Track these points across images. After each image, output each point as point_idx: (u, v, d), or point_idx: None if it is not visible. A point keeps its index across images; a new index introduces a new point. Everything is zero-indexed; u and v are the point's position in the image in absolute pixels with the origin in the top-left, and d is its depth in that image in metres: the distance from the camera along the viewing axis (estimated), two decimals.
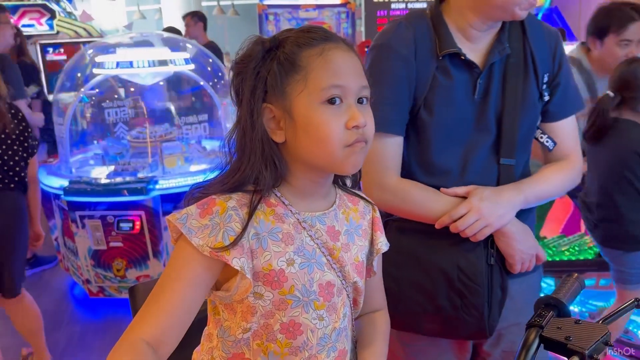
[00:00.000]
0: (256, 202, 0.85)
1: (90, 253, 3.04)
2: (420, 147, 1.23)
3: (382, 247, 1.00)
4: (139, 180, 2.97)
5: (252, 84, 0.84)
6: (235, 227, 0.82)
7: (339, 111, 0.83)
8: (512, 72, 1.21)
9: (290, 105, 0.84)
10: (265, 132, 0.85)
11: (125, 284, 3.06)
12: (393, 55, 1.20)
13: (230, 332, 0.89)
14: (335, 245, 0.92)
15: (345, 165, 0.86)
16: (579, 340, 0.81)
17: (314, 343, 0.89)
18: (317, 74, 0.83)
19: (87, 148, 3.57)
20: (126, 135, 3.45)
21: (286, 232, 0.87)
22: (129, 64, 3.13)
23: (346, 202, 0.98)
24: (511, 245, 1.20)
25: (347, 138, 0.83)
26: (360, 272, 0.96)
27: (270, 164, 0.85)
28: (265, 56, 0.84)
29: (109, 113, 3.51)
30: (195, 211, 0.83)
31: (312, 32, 0.86)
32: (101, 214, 2.95)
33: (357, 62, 0.88)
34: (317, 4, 7.64)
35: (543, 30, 1.26)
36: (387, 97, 1.19)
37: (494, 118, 1.21)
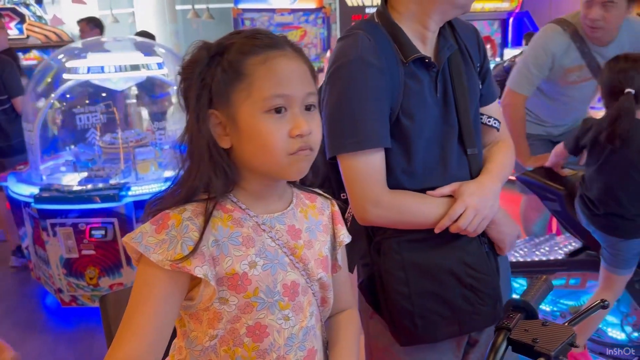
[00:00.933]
0: (211, 208, 0.85)
1: (62, 261, 2.98)
2: (404, 154, 1.22)
3: (344, 239, 1.02)
4: (111, 187, 2.93)
5: (197, 90, 0.84)
6: (193, 236, 0.82)
7: (283, 120, 0.84)
8: (455, 67, 1.27)
9: (234, 113, 0.84)
10: (212, 137, 0.85)
11: (98, 292, 3.00)
12: (368, 68, 1.17)
13: (197, 341, 0.89)
14: (297, 243, 0.92)
15: (290, 172, 0.87)
16: (546, 342, 0.82)
17: (281, 344, 0.89)
18: (260, 83, 0.83)
19: (58, 154, 3.50)
20: (98, 141, 3.40)
21: (246, 236, 0.87)
22: (100, 69, 3.10)
23: (303, 200, 0.99)
24: (501, 231, 1.27)
25: (291, 146, 0.84)
26: (325, 267, 0.96)
27: (219, 170, 0.85)
28: (210, 62, 0.84)
29: (80, 119, 3.45)
30: (150, 228, 0.83)
31: (257, 39, 0.85)
32: (73, 221, 2.90)
33: (304, 68, 0.88)
34: (293, 8, 7.66)
35: (464, 25, 1.35)
36: (371, 111, 1.17)
37: (453, 111, 1.25)
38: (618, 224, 2.04)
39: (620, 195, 2.00)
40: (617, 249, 2.06)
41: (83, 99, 3.45)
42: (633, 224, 2.02)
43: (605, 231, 2.08)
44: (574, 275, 2.31)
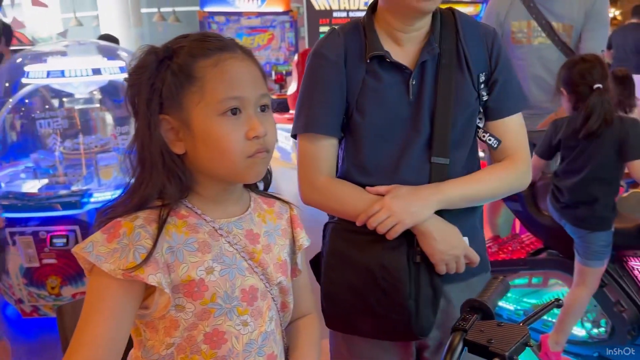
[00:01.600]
0: (165, 215, 0.83)
1: (22, 271, 2.90)
2: (354, 148, 1.27)
3: (304, 243, 1.02)
4: (72, 194, 2.86)
5: (147, 96, 0.83)
6: (146, 244, 0.81)
7: (238, 122, 0.83)
8: (444, 72, 1.23)
9: (187, 117, 0.83)
10: (164, 143, 0.84)
11: (60, 302, 2.93)
12: (323, 62, 1.25)
13: (154, 350, 0.88)
14: (256, 248, 0.92)
15: (248, 175, 0.87)
16: (500, 343, 0.83)
17: (239, 350, 0.88)
18: (213, 85, 0.82)
19: (17, 161, 3.40)
20: (59, 147, 3.32)
21: (202, 241, 0.86)
22: (61, 73, 3.02)
23: (261, 204, 0.98)
24: (430, 245, 1.20)
25: (248, 149, 0.84)
26: (284, 271, 0.96)
27: (172, 176, 0.84)
28: (159, 67, 0.83)
29: (41, 124, 3.36)
30: (101, 237, 0.81)
31: (207, 42, 0.85)
32: (33, 229, 2.82)
33: (255, 70, 0.88)
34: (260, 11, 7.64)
35: (479, 30, 1.28)
36: (318, 101, 1.25)
37: (428, 117, 1.23)
38: (586, 215, 2.11)
39: (592, 186, 2.09)
40: (587, 242, 2.13)
41: (43, 104, 3.37)
42: (600, 215, 2.10)
43: (575, 223, 2.14)
44: (536, 275, 2.37)
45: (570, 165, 2.13)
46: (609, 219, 2.12)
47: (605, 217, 2.12)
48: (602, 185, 2.10)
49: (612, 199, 2.13)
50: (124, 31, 9.62)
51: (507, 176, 1.28)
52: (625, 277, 2.21)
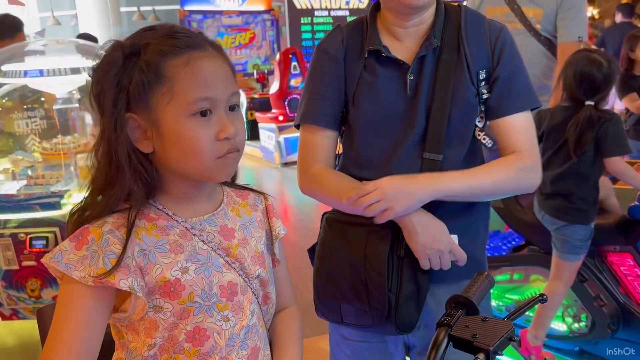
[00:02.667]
0: (133, 219, 0.82)
1: (1, 274, 2.85)
2: (349, 141, 1.30)
3: (280, 232, 1.02)
4: (52, 195, 2.82)
5: (113, 94, 0.80)
6: (115, 249, 0.80)
7: (209, 123, 0.82)
8: (443, 68, 1.22)
9: (156, 117, 0.81)
10: (130, 142, 0.82)
11: (40, 304, 2.88)
12: (323, 56, 1.30)
13: (137, 352, 0.87)
14: (231, 243, 0.91)
15: (217, 175, 0.87)
16: (485, 338, 0.84)
17: (222, 345, 0.88)
18: (184, 86, 0.80)
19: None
20: (38, 148, 3.27)
21: (173, 242, 0.85)
22: (39, 73, 2.97)
23: (234, 198, 0.98)
24: (412, 238, 1.19)
25: (219, 150, 0.83)
26: (262, 263, 0.96)
27: (139, 176, 0.82)
28: (125, 63, 0.80)
29: (19, 124, 3.31)
30: (69, 245, 0.80)
31: (176, 39, 0.82)
32: (12, 231, 2.77)
33: (226, 69, 0.86)
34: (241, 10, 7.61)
35: (484, 26, 1.26)
36: (315, 93, 1.30)
37: (424, 113, 1.23)
38: (565, 207, 2.13)
39: (570, 179, 2.12)
40: (564, 235, 2.15)
41: (21, 104, 3.31)
42: (578, 208, 2.13)
43: (553, 214, 2.17)
44: (517, 270, 2.39)
45: (552, 158, 2.16)
46: (587, 213, 2.15)
47: (584, 211, 2.14)
48: (580, 180, 2.12)
49: (591, 194, 2.15)
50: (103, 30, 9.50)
51: (511, 171, 1.22)
52: (605, 272, 2.24)
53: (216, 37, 7.31)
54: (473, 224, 1.31)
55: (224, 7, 7.51)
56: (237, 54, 7.75)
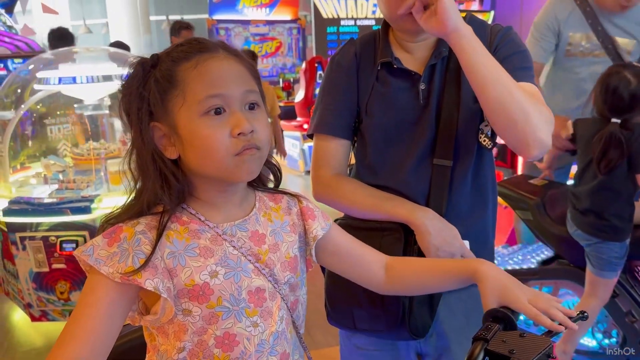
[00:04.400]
0: (165, 221, 0.84)
1: (32, 276, 2.91)
2: (363, 149, 1.34)
3: (318, 233, 1.01)
4: (82, 199, 2.87)
5: (137, 105, 0.84)
6: (145, 249, 0.82)
7: (222, 120, 0.83)
8: (450, 76, 1.26)
9: (173, 122, 0.84)
10: (157, 150, 0.85)
11: (69, 307, 2.94)
12: (336, 68, 1.35)
13: (167, 355, 0.88)
14: (262, 249, 0.92)
15: (239, 173, 0.86)
16: (522, 354, 0.82)
17: (252, 351, 0.89)
18: (193, 86, 0.83)
19: (28, 166, 3.43)
20: (69, 153, 3.34)
21: (203, 247, 0.87)
22: (72, 80, 3.05)
23: (267, 202, 0.99)
24: (425, 239, 1.20)
25: (234, 146, 0.83)
26: (293, 268, 0.96)
27: (167, 182, 0.85)
28: (145, 75, 0.84)
29: (52, 130, 3.40)
30: (102, 241, 0.82)
31: (187, 45, 0.86)
32: (43, 234, 2.83)
33: (239, 68, 0.87)
34: (268, 19, 7.69)
35: (486, 31, 1.28)
36: (328, 104, 1.33)
37: (434, 120, 1.26)
38: (598, 224, 2.08)
39: (603, 195, 2.06)
40: (599, 252, 2.09)
41: (54, 110, 3.40)
42: (613, 225, 2.07)
43: (587, 231, 2.10)
44: (546, 284, 2.35)
45: (584, 172, 2.12)
46: (623, 230, 2.09)
47: (619, 228, 2.08)
48: (614, 196, 2.07)
49: (626, 210, 2.09)
50: (133, 38, 9.69)
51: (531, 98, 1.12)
52: (637, 287, 2.19)
53: (243, 45, 7.39)
54: (483, 230, 1.33)
55: (251, 17, 7.59)
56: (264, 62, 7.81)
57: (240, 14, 7.51)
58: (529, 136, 1.12)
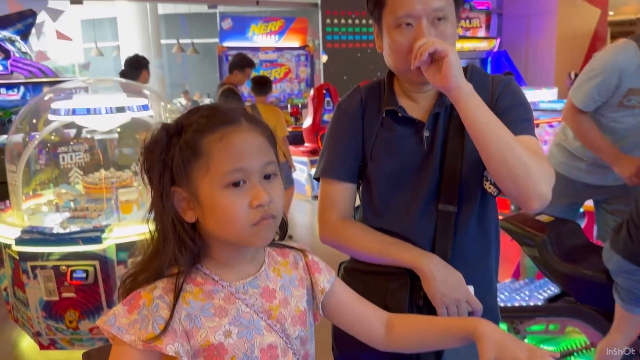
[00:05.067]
0: (180, 284, 0.87)
1: (42, 304, 2.94)
2: (369, 194, 1.36)
3: (325, 286, 1.04)
4: (93, 229, 2.91)
5: (159, 170, 0.87)
6: (164, 314, 0.85)
7: (242, 192, 0.87)
8: (454, 124, 1.29)
9: (195, 190, 0.87)
10: (176, 214, 0.88)
11: (77, 335, 2.96)
12: (342, 114, 1.39)
13: None
14: (272, 304, 0.94)
15: (255, 241, 0.90)
16: None
17: None
18: (218, 159, 0.86)
19: (40, 194, 3.48)
20: (81, 181, 3.39)
21: (218, 306, 0.89)
22: (86, 111, 3.11)
23: (275, 257, 1.01)
24: (431, 285, 1.22)
25: (253, 217, 0.87)
26: (303, 322, 0.98)
27: (184, 245, 0.88)
28: (169, 142, 0.88)
29: (64, 157, 3.46)
30: (122, 309, 0.86)
31: (213, 117, 0.89)
32: (54, 264, 2.87)
33: (260, 139, 0.91)
34: (277, 46, 7.79)
35: (487, 81, 1.32)
36: (335, 148, 1.37)
37: (438, 166, 1.28)
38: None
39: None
40: (632, 285, 1.97)
41: (67, 138, 3.46)
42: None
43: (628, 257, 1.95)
44: (553, 322, 2.35)
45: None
46: None
47: None
48: None
49: None
50: None
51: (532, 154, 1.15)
52: None
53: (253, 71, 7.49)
54: (487, 275, 1.35)
55: (261, 44, 7.70)
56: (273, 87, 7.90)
57: (250, 41, 7.63)
58: (530, 190, 1.15)
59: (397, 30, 1.24)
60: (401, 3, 1.22)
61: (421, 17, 1.21)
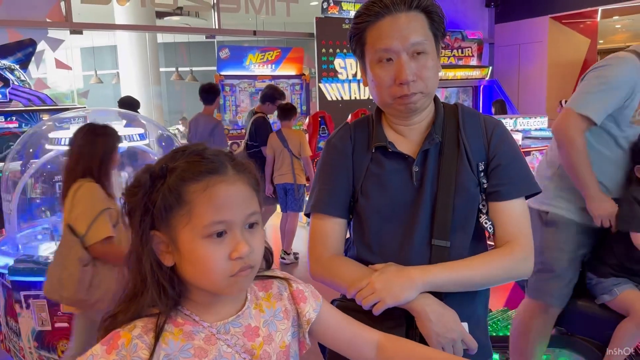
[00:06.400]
0: (161, 324, 0.86)
1: (34, 334, 2.93)
2: (361, 229, 1.36)
3: (311, 316, 1.02)
4: None
5: (140, 213, 0.86)
6: (143, 354, 0.84)
7: (222, 243, 0.85)
8: (445, 160, 1.30)
9: (175, 236, 0.85)
10: (155, 258, 0.87)
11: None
12: (332, 150, 1.40)
13: None
14: (255, 343, 0.93)
15: (230, 291, 0.89)
16: None
17: None
18: (200, 210, 0.84)
19: (35, 222, 3.50)
20: None
21: (197, 347, 0.88)
22: None
23: (257, 292, 1.00)
24: (426, 326, 1.22)
25: (232, 268, 0.85)
26: (287, 357, 0.97)
27: (163, 290, 0.87)
28: (152, 186, 0.85)
29: (60, 186, 3.48)
30: (100, 349, 0.84)
31: (198, 164, 0.86)
32: None
33: (245, 190, 0.89)
34: (273, 74, 7.89)
35: (480, 122, 1.35)
36: (325, 184, 1.38)
37: (429, 202, 1.29)
38: None
39: None
40: None
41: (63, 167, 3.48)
42: None
43: None
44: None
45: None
46: None
47: None
48: None
49: None
50: (143, 89, 9.93)
51: (502, 263, 1.28)
52: None
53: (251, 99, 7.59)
54: (476, 310, 1.35)
55: (258, 72, 7.80)
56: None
57: (247, 70, 7.73)
58: (517, 279, 1.35)
59: (379, 66, 1.27)
60: (380, 40, 1.26)
61: (400, 52, 1.24)
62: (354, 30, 1.32)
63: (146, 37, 10.05)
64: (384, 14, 1.26)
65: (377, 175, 1.33)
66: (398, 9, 1.25)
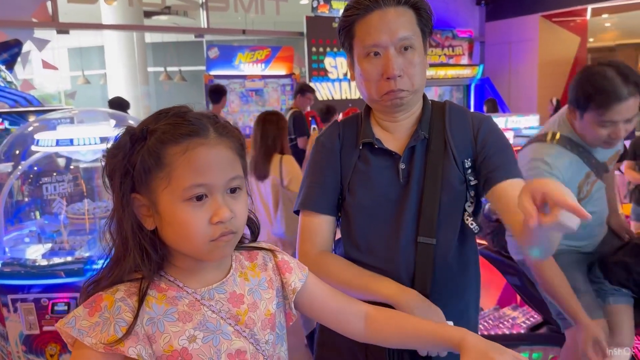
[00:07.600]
0: (145, 288, 0.86)
1: (22, 338, 2.89)
2: (347, 226, 1.38)
3: (297, 285, 1.03)
4: (75, 261, 2.88)
5: (120, 176, 0.85)
6: (126, 317, 0.83)
7: (203, 207, 0.85)
8: (431, 157, 1.31)
9: (155, 199, 0.86)
10: (136, 220, 0.87)
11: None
12: (320, 148, 1.42)
13: None
14: (240, 310, 0.93)
15: (212, 256, 0.89)
16: None
17: None
18: (180, 172, 0.84)
19: (22, 225, 3.45)
20: (63, 211, 3.37)
21: (182, 312, 0.88)
22: (69, 142, 3.10)
23: (243, 262, 1.00)
24: None
25: (212, 233, 0.85)
26: (272, 325, 0.97)
27: (145, 252, 0.86)
28: (132, 148, 0.85)
29: (47, 188, 3.44)
30: (83, 311, 0.84)
31: (179, 126, 0.85)
32: (35, 296, 2.82)
33: (227, 154, 0.88)
34: (263, 74, 7.87)
35: (467, 118, 1.36)
36: (313, 181, 1.40)
37: (416, 199, 1.30)
38: None
39: None
40: None
41: (51, 169, 3.44)
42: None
43: None
44: (536, 350, 2.35)
45: None
46: None
47: None
48: None
49: None
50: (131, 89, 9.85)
51: None
52: None
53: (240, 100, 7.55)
54: (465, 309, 1.36)
55: (247, 72, 7.77)
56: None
57: (237, 69, 7.69)
58: None
59: (367, 60, 1.28)
60: (368, 34, 1.27)
61: (388, 47, 1.25)
62: (343, 23, 1.34)
63: (134, 36, 9.97)
64: (373, 7, 1.26)
65: (364, 172, 1.34)
66: (387, 4, 1.26)
